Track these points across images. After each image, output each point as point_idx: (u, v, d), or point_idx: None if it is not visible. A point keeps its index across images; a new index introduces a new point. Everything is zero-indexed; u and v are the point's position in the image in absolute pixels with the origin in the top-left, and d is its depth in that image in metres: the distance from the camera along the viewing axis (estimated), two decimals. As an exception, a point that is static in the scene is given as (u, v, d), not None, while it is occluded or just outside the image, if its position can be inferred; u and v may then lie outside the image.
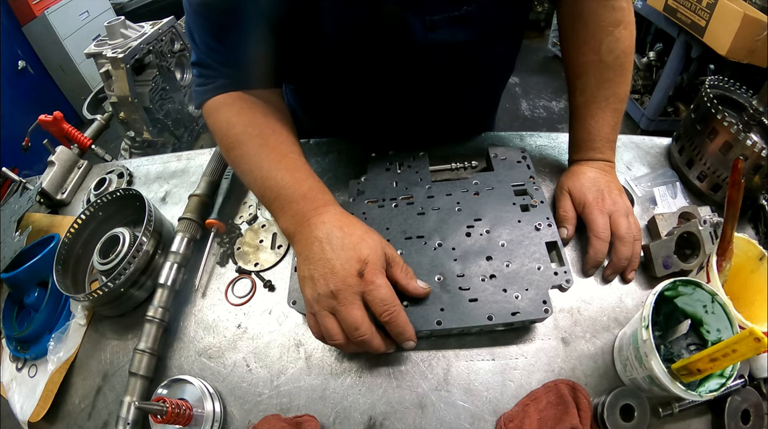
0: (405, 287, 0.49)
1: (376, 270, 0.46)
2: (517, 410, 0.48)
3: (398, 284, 0.49)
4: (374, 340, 0.46)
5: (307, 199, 0.52)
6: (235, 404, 0.52)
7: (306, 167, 0.56)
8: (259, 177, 0.54)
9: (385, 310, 0.45)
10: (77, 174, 0.83)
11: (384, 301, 0.45)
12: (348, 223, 0.50)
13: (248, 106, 0.59)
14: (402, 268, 0.50)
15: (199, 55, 0.59)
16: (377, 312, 0.46)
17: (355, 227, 0.49)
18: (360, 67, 0.64)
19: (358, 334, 0.45)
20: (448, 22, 0.57)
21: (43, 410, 0.54)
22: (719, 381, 0.42)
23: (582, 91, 0.63)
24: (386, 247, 0.49)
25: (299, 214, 0.51)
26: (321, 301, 0.46)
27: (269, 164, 0.54)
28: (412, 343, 0.48)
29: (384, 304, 0.45)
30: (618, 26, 0.59)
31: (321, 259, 0.47)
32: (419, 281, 0.50)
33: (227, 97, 0.59)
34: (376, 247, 0.48)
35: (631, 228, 0.57)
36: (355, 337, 0.45)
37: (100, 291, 0.55)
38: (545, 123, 2.74)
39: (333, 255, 0.46)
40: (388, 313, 0.46)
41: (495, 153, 0.67)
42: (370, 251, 0.47)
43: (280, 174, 0.53)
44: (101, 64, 1.60)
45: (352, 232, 0.48)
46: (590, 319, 0.55)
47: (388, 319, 0.46)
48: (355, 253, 0.46)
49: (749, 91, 0.68)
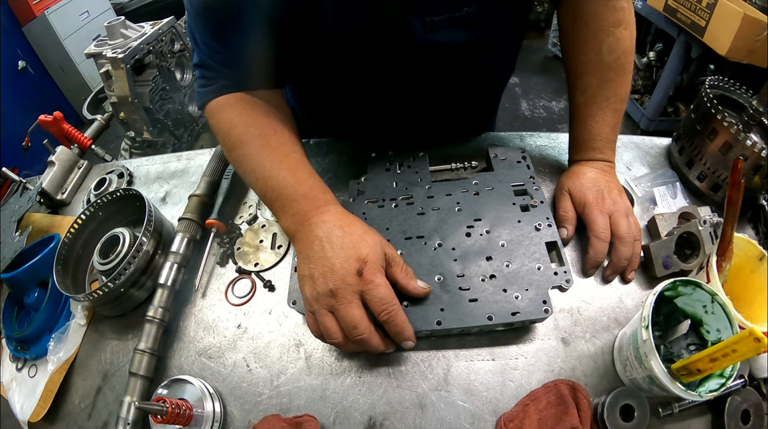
0: (405, 287, 0.49)
1: (375, 269, 0.46)
2: (517, 410, 0.48)
3: (398, 284, 0.49)
4: (373, 340, 0.46)
5: (308, 199, 0.52)
6: (235, 404, 0.52)
7: (308, 167, 0.56)
8: (261, 177, 0.55)
9: (384, 309, 0.45)
10: (77, 174, 0.83)
11: (383, 300, 0.45)
12: (348, 222, 0.50)
13: (250, 106, 0.59)
14: (402, 268, 0.50)
15: (201, 56, 0.59)
16: (376, 311, 0.46)
17: (355, 227, 0.49)
18: (360, 68, 0.64)
19: (356, 333, 0.45)
20: (448, 23, 0.57)
21: (43, 410, 0.54)
22: (719, 381, 0.42)
23: (582, 91, 0.63)
24: (386, 247, 0.49)
25: (300, 213, 0.51)
26: (320, 299, 0.46)
27: (271, 164, 0.55)
28: (411, 342, 0.48)
29: (383, 303, 0.45)
30: (619, 26, 0.59)
31: (321, 257, 0.47)
32: (419, 281, 0.50)
33: (230, 97, 0.59)
34: (375, 246, 0.48)
35: (631, 228, 0.57)
36: (353, 336, 0.45)
37: (100, 291, 0.55)
38: (545, 123, 2.75)
39: (332, 254, 0.47)
40: (387, 313, 0.46)
41: (495, 153, 0.67)
42: (370, 250, 0.47)
43: (282, 173, 0.54)
44: (101, 64, 1.60)
45: (352, 231, 0.49)
46: (590, 319, 0.55)
47: (387, 319, 0.46)
48: (354, 252, 0.46)
49: (749, 91, 0.68)
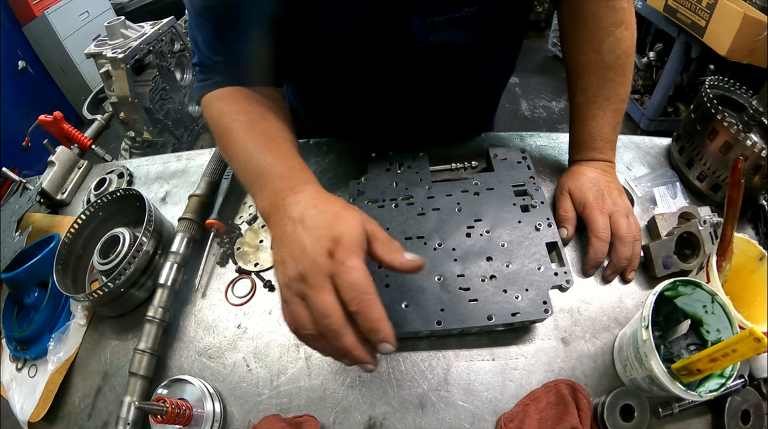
0: (390, 263, 0.41)
1: (349, 249, 0.39)
2: (517, 410, 0.48)
3: (383, 262, 0.42)
4: (346, 336, 0.38)
5: (285, 178, 0.48)
6: (235, 404, 0.52)
7: (292, 151, 0.53)
8: (242, 160, 0.52)
9: (354, 297, 0.37)
10: (77, 174, 0.83)
11: (354, 285, 0.37)
12: (324, 200, 0.44)
13: (243, 97, 0.58)
14: (384, 243, 0.42)
15: (201, 56, 0.60)
16: (346, 299, 0.38)
17: (331, 204, 0.44)
18: (360, 68, 0.64)
19: (326, 323, 0.38)
20: (448, 24, 0.57)
21: (43, 410, 0.54)
22: (719, 381, 0.42)
23: (583, 92, 0.63)
24: (368, 223, 0.42)
25: (275, 193, 0.47)
26: (291, 285, 0.40)
27: (253, 147, 0.52)
28: (389, 346, 0.38)
29: (353, 289, 0.37)
30: (619, 26, 0.59)
31: (293, 239, 0.41)
32: (408, 253, 0.42)
33: (224, 90, 0.59)
34: (353, 224, 0.41)
35: (631, 228, 0.57)
36: (324, 327, 0.38)
37: (100, 291, 0.55)
38: (545, 123, 2.74)
39: (305, 234, 0.41)
40: (358, 302, 0.37)
41: (495, 153, 0.67)
42: (346, 229, 0.40)
43: (263, 155, 0.50)
44: (101, 64, 1.60)
45: (327, 208, 0.43)
46: (590, 319, 0.55)
47: (357, 310, 0.37)
48: (327, 231, 0.40)
49: (749, 91, 0.68)
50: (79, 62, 2.68)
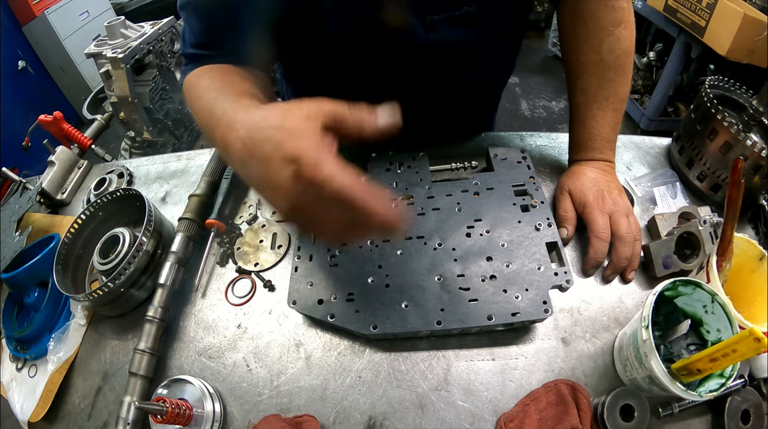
0: (361, 125, 0.38)
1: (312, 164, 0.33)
2: (517, 410, 0.48)
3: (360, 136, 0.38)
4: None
5: (238, 102, 0.43)
6: (235, 404, 0.52)
7: (255, 90, 0.48)
8: (203, 104, 0.47)
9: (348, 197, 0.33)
10: (77, 174, 0.83)
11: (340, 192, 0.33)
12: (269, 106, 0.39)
13: (219, 67, 0.55)
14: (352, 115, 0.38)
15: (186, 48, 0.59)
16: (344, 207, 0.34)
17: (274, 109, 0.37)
18: (360, 67, 0.64)
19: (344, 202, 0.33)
20: (448, 23, 0.57)
21: (43, 410, 0.54)
22: (719, 381, 0.42)
23: (582, 91, 0.63)
24: (324, 107, 0.37)
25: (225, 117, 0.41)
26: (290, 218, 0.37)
27: (216, 93, 0.46)
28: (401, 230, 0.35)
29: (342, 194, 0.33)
30: (618, 26, 0.59)
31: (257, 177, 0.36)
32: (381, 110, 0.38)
33: (204, 68, 0.55)
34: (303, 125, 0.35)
35: (631, 228, 0.57)
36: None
37: (100, 291, 0.55)
38: (545, 123, 2.75)
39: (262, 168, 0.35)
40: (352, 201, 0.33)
41: (495, 153, 0.67)
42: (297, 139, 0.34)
43: (222, 95, 0.45)
44: (101, 64, 1.60)
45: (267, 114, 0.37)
46: (590, 319, 0.55)
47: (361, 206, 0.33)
48: (278, 152, 0.34)
49: (749, 91, 0.68)
50: (79, 62, 2.68)
